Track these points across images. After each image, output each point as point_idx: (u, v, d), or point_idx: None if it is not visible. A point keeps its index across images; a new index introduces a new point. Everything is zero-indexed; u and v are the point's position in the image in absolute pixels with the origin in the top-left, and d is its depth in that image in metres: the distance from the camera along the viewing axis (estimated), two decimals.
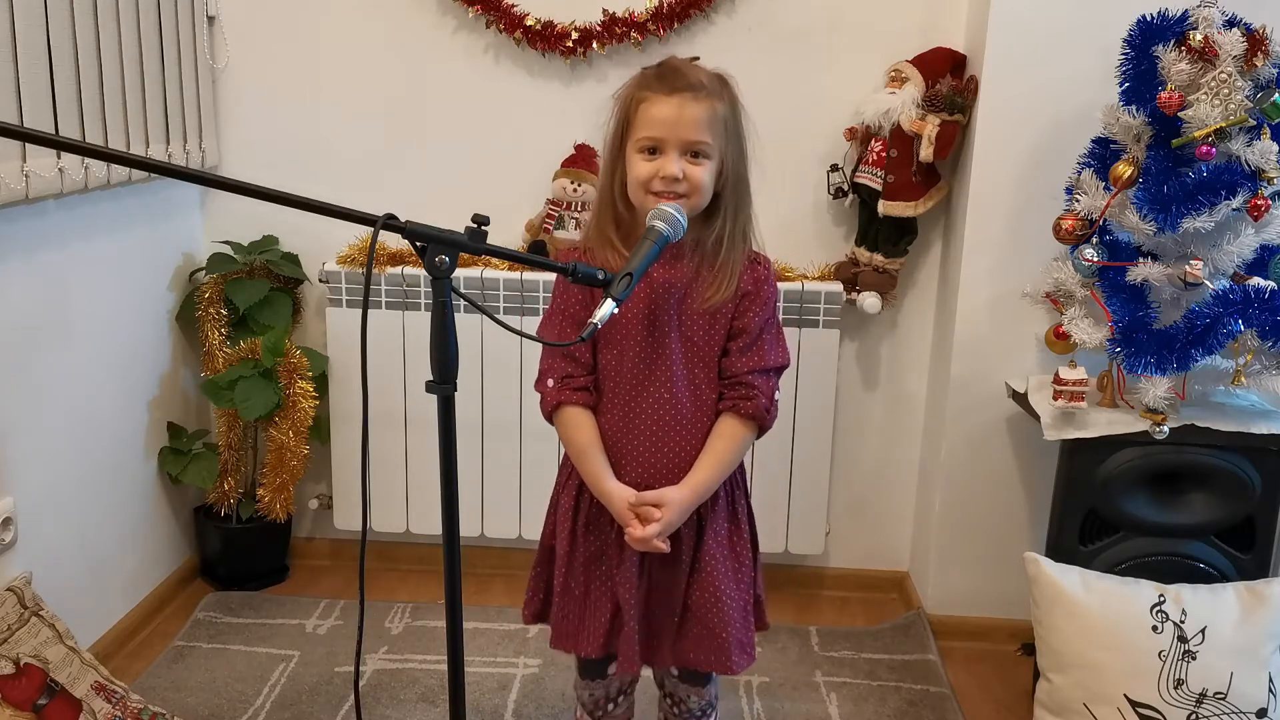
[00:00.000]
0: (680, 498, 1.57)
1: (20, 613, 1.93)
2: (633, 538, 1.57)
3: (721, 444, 1.61)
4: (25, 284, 2.04)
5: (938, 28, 2.46)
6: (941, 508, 2.52)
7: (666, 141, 1.51)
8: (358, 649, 1.37)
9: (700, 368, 1.61)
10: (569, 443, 1.64)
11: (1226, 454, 2.02)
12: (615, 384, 1.61)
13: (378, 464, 2.63)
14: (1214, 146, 1.86)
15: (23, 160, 1.93)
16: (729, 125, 1.56)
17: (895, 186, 2.39)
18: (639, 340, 1.59)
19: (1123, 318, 1.97)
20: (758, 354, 1.61)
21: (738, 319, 1.61)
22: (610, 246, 1.59)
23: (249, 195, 1.25)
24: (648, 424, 1.61)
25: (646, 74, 1.57)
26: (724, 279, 1.58)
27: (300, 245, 2.67)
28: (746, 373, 1.60)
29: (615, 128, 1.58)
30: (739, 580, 1.67)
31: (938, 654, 2.44)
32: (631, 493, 1.58)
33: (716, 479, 1.61)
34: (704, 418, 1.62)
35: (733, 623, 1.64)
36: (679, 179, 1.51)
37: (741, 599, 1.67)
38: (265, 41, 2.60)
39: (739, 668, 1.65)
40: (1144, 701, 1.92)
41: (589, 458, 1.60)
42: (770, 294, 1.64)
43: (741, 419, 1.61)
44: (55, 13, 1.98)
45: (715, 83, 1.56)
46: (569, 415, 1.62)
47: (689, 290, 1.59)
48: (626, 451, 1.61)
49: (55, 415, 2.15)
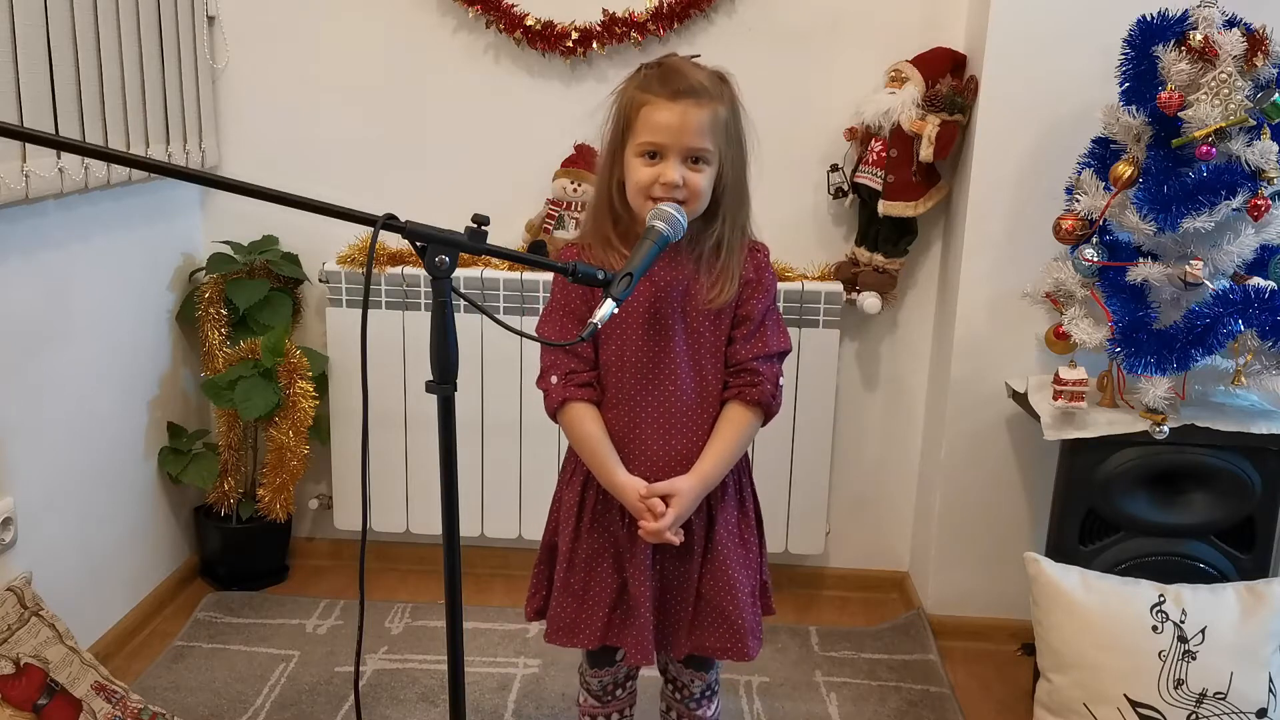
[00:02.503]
0: (690, 487, 1.58)
1: (20, 613, 1.93)
2: (646, 531, 1.57)
3: (728, 431, 1.61)
4: (25, 284, 2.04)
5: (938, 28, 2.46)
6: (941, 508, 2.52)
7: (668, 148, 1.51)
8: (358, 649, 1.37)
9: (707, 358, 1.62)
10: (576, 438, 1.63)
11: (1226, 454, 2.02)
12: (620, 379, 1.61)
13: (378, 464, 2.63)
14: (1214, 146, 1.86)
15: (23, 160, 1.93)
16: (730, 129, 1.56)
17: (895, 186, 2.39)
18: (643, 336, 1.60)
19: (1123, 318, 1.97)
20: (761, 340, 1.62)
21: (740, 307, 1.62)
22: (608, 245, 1.59)
23: (249, 195, 1.24)
24: (655, 417, 1.61)
25: (648, 74, 1.55)
26: (725, 281, 1.58)
27: (300, 245, 2.67)
28: (751, 359, 1.61)
29: (614, 128, 1.58)
30: (748, 566, 1.68)
31: (938, 654, 2.44)
32: (643, 484, 1.59)
33: (725, 467, 1.62)
34: (710, 407, 1.63)
35: (746, 609, 1.65)
36: (679, 185, 1.51)
37: (751, 584, 1.69)
38: (265, 41, 2.60)
39: (754, 652, 1.66)
40: (1144, 701, 1.92)
41: (598, 452, 1.60)
42: (770, 280, 1.65)
43: (747, 405, 1.62)
44: (55, 13, 1.98)
45: (716, 84, 1.55)
46: (575, 411, 1.61)
47: (691, 288, 1.59)
48: (635, 445, 1.62)
49: (55, 415, 2.15)
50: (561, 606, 1.68)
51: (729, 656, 1.67)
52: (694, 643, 1.67)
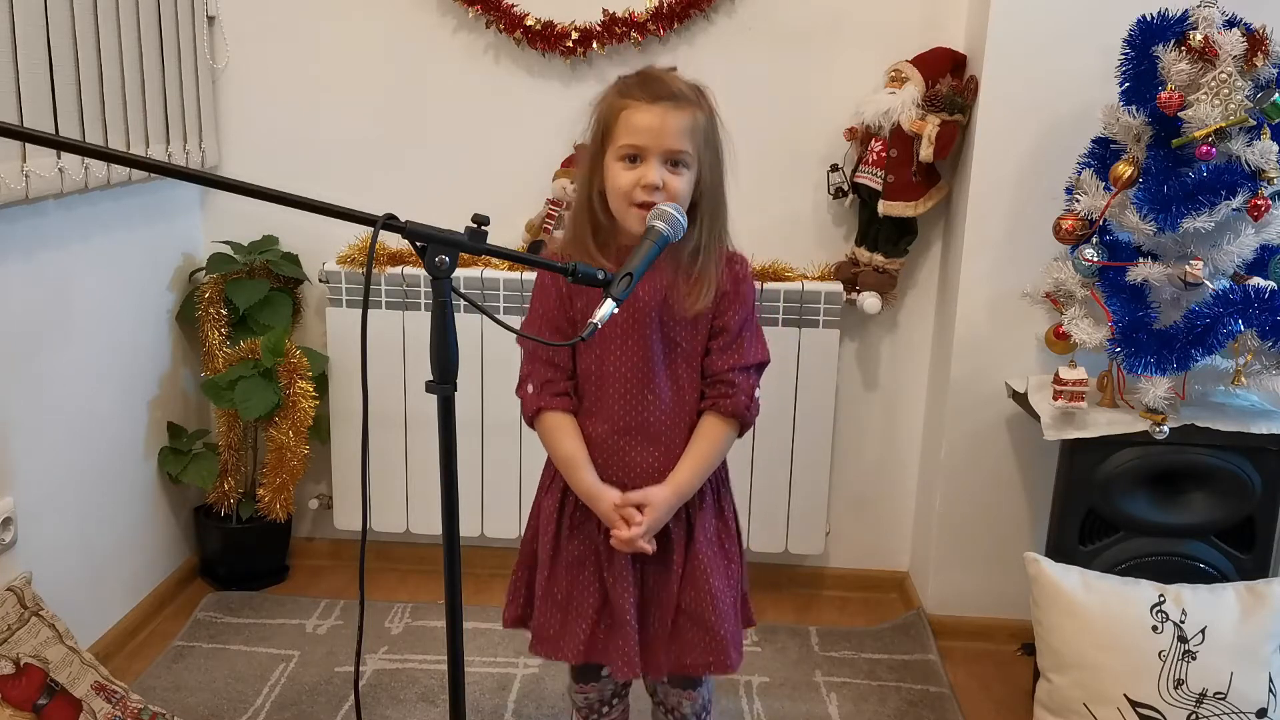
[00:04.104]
0: (664, 497, 1.59)
1: (20, 613, 1.93)
2: (619, 539, 1.58)
3: (703, 443, 1.62)
4: (25, 284, 2.04)
5: (938, 27, 2.46)
6: (941, 508, 2.52)
7: (649, 150, 1.52)
8: (358, 649, 1.37)
9: (684, 368, 1.62)
10: (552, 447, 1.65)
11: (1226, 454, 2.02)
12: (598, 388, 1.62)
13: (378, 464, 2.63)
14: (1214, 146, 1.86)
15: (23, 160, 1.93)
16: (708, 135, 1.57)
17: (895, 186, 2.39)
18: (621, 345, 1.60)
19: (1123, 318, 1.97)
20: (738, 352, 1.63)
21: (718, 318, 1.62)
22: (586, 254, 1.59)
23: (249, 195, 1.24)
24: (632, 426, 1.61)
25: (626, 82, 1.58)
26: (702, 288, 1.59)
27: (300, 245, 2.67)
28: (727, 370, 1.62)
29: (594, 135, 1.60)
30: (729, 576, 1.68)
31: (938, 654, 2.44)
32: (618, 494, 1.60)
33: (699, 478, 1.62)
34: (687, 416, 1.63)
35: (727, 619, 1.64)
36: (659, 187, 1.51)
37: (732, 595, 1.68)
38: (265, 41, 2.60)
39: (736, 665, 1.65)
40: (1144, 701, 1.92)
41: (573, 461, 1.61)
42: (749, 292, 1.65)
43: (723, 417, 1.62)
44: (55, 13, 1.98)
45: (694, 92, 1.57)
46: (551, 420, 1.63)
47: (668, 296, 1.59)
48: (611, 454, 1.62)
49: (55, 415, 2.15)
50: (545, 616, 1.67)
51: (710, 671, 1.66)
52: (673, 660, 1.66)
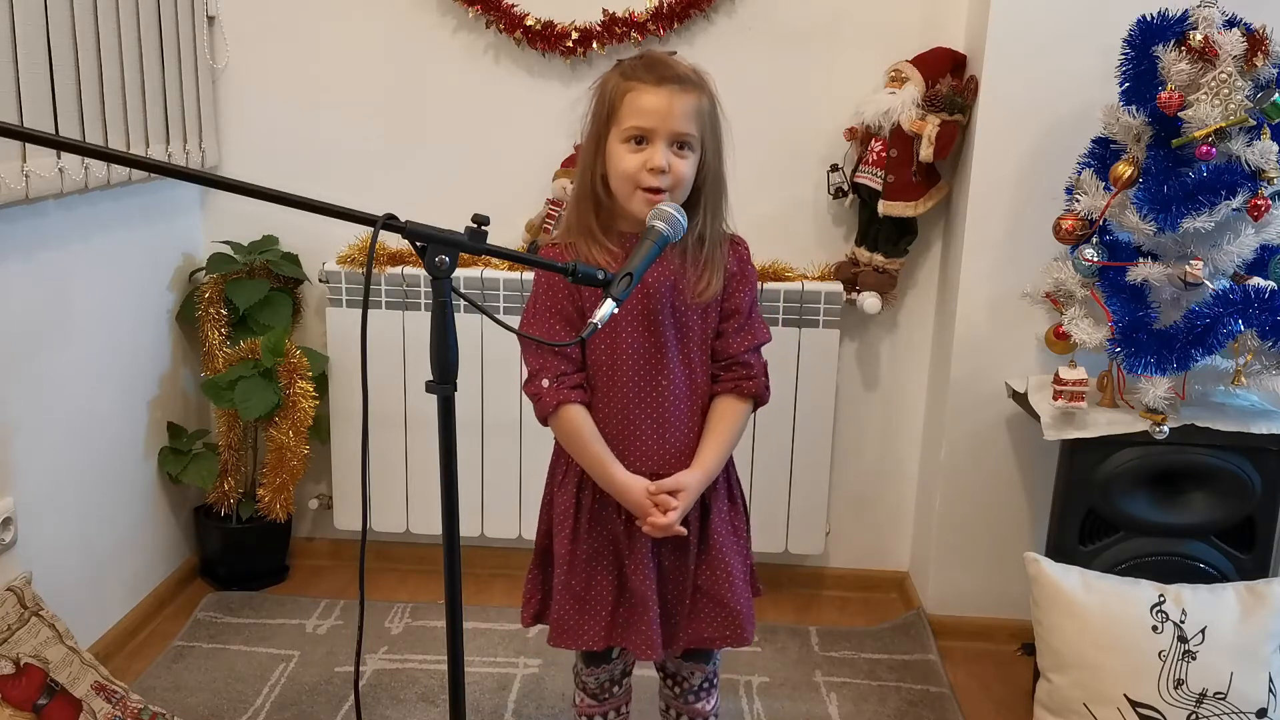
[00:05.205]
0: (695, 480, 1.61)
1: (20, 613, 1.93)
2: (656, 525, 1.58)
3: (725, 424, 1.64)
4: (25, 284, 2.04)
5: (938, 27, 2.46)
6: (941, 508, 2.52)
7: (655, 132, 1.52)
8: (358, 649, 1.37)
9: (696, 352, 1.64)
10: (573, 440, 1.63)
11: (1226, 454, 2.02)
12: (612, 377, 1.62)
13: (378, 464, 2.63)
14: (1214, 146, 1.86)
15: (23, 160, 1.93)
16: (711, 119, 1.58)
17: (895, 186, 2.39)
18: (633, 334, 1.60)
19: (1123, 318, 1.97)
20: (751, 333, 1.66)
21: (727, 300, 1.64)
22: (591, 237, 1.59)
23: (249, 195, 1.24)
24: (649, 414, 1.62)
25: (631, 64, 1.57)
26: (710, 274, 1.60)
27: (300, 245, 2.67)
28: (744, 352, 1.64)
29: (597, 117, 1.59)
30: (740, 552, 1.71)
31: (938, 654, 2.44)
32: (648, 482, 1.60)
33: (723, 458, 1.65)
34: (700, 400, 1.65)
35: (741, 595, 1.68)
36: (665, 170, 1.51)
37: (744, 570, 1.71)
38: (265, 41, 2.60)
39: (751, 637, 1.69)
40: (1144, 701, 1.92)
41: (596, 454, 1.61)
42: (752, 272, 1.69)
43: (742, 398, 1.65)
44: (55, 13, 1.98)
45: (698, 76, 1.57)
46: (570, 414, 1.61)
47: (678, 283, 1.60)
48: (628, 442, 1.62)
49: (55, 415, 2.15)
50: (563, 608, 1.67)
51: (728, 644, 1.69)
52: (692, 635, 1.68)
